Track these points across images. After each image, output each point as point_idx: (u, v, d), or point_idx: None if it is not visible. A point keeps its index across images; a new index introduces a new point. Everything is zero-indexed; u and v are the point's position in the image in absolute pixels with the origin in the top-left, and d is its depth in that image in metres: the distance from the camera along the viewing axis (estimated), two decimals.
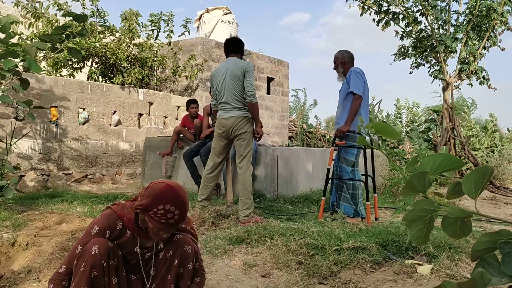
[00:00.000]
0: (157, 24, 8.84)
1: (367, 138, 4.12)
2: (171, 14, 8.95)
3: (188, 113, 6.59)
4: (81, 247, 1.84)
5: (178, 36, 9.37)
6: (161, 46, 9.18)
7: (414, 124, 12.90)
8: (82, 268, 1.77)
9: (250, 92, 4.18)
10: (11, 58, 4.16)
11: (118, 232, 1.92)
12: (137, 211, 1.88)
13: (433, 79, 10.02)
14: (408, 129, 13.17)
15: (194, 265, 2.01)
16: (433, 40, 9.29)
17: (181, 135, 6.44)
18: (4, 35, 4.24)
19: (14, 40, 4.68)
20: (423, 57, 10.09)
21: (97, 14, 8.37)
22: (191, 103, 6.43)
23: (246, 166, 4.22)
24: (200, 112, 6.58)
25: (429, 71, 10.11)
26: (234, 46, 4.47)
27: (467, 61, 9.34)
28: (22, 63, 4.39)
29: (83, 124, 7.25)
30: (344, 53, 4.54)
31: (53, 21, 7.85)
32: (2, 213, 4.32)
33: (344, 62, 4.51)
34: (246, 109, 4.23)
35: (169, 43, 9.24)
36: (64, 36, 4.35)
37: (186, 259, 1.94)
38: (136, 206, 1.86)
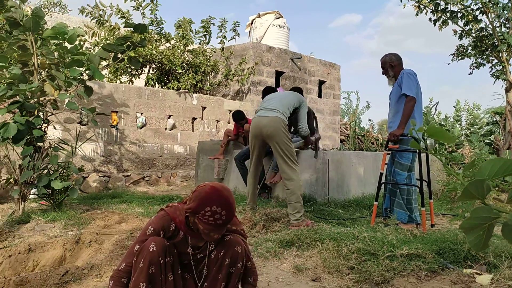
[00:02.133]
0: (208, 29, 9.08)
1: (421, 142, 3.99)
2: (224, 20, 9.18)
3: None
4: (138, 246, 1.95)
5: (228, 40, 9.56)
6: (214, 52, 9.42)
7: (475, 127, 12.29)
8: (141, 264, 1.87)
9: (303, 126, 4.44)
10: (76, 67, 4.46)
11: (171, 233, 2.00)
12: (187, 215, 1.96)
13: (495, 80, 9.51)
14: (468, 132, 12.55)
15: (246, 264, 2.07)
16: (495, 39, 8.82)
17: (230, 136, 6.55)
18: (71, 45, 4.56)
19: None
20: (484, 56, 9.60)
21: (155, 22, 8.75)
22: (239, 120, 6.25)
23: (291, 168, 4.22)
24: (250, 117, 6.66)
25: (490, 71, 9.61)
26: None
27: None
28: (86, 71, 4.70)
29: (140, 128, 7.58)
30: (392, 56, 4.43)
31: (115, 29, 8.29)
32: (68, 212, 4.62)
33: (393, 65, 4.40)
34: (285, 115, 4.28)
35: (222, 49, 9.46)
36: (125, 46, 4.60)
37: (236, 259, 2.00)
38: (186, 209, 1.94)
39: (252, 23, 11.36)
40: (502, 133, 9.45)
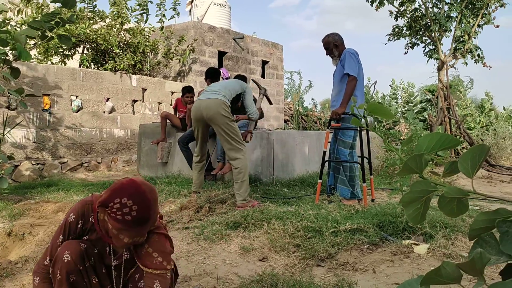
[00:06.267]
0: (145, 8, 8.71)
1: (362, 119, 4.10)
2: None
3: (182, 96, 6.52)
4: (62, 237, 1.77)
5: (168, 20, 9.23)
6: (153, 31, 9.07)
7: (410, 104, 12.89)
8: (59, 276, 1.70)
9: (252, 111, 4.43)
10: (0, 47, 4.08)
11: (90, 225, 1.80)
12: (97, 210, 1.68)
13: (428, 59, 9.99)
14: (403, 109, 13.16)
15: None
16: (428, 19, 9.22)
17: (168, 120, 6.37)
18: None
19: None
20: (418, 36, 10.04)
21: None
22: (187, 92, 6.29)
23: (236, 148, 4.19)
24: (195, 98, 6.51)
25: (424, 50, 10.07)
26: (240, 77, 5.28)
27: (461, 39, 9.29)
28: (12, 51, 4.31)
29: (76, 112, 7.18)
30: (335, 36, 4.48)
31: (43, 6, 7.71)
32: None
33: (337, 45, 4.45)
34: (227, 98, 4.21)
35: (162, 28, 9.12)
36: (53, 23, 4.26)
37: None
38: (97, 203, 1.66)
39: (192, 1, 11.04)
40: (435, 110, 9.99)
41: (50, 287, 1.77)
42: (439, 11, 9.19)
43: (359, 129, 4.29)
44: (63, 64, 8.22)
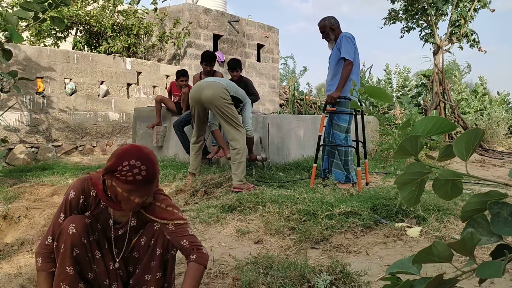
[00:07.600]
0: None
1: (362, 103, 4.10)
2: None
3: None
4: (63, 215, 1.79)
5: (162, 1, 9.09)
6: (146, 13, 8.95)
7: (405, 89, 12.89)
8: (63, 248, 1.72)
9: (249, 126, 4.40)
10: None
11: (92, 199, 1.83)
12: (104, 179, 1.74)
13: (424, 43, 9.96)
14: (399, 94, 13.15)
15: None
16: (424, 3, 9.17)
17: (163, 104, 6.34)
18: None
19: None
20: (414, 20, 9.99)
21: None
22: (181, 76, 6.23)
23: (235, 130, 4.23)
24: (190, 82, 6.47)
25: (420, 34, 10.03)
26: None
27: (457, 23, 9.26)
28: (3, 33, 4.24)
29: (70, 95, 7.12)
30: (331, 20, 4.44)
31: None
32: None
33: (333, 28, 4.42)
34: (228, 88, 4.22)
35: (155, 9, 9.00)
36: (46, 4, 4.19)
37: (167, 246, 1.85)
38: (102, 172, 1.72)
39: None
40: (430, 95, 10.01)
41: (53, 266, 1.77)
42: None
43: (354, 113, 4.30)
44: (56, 47, 8.13)
